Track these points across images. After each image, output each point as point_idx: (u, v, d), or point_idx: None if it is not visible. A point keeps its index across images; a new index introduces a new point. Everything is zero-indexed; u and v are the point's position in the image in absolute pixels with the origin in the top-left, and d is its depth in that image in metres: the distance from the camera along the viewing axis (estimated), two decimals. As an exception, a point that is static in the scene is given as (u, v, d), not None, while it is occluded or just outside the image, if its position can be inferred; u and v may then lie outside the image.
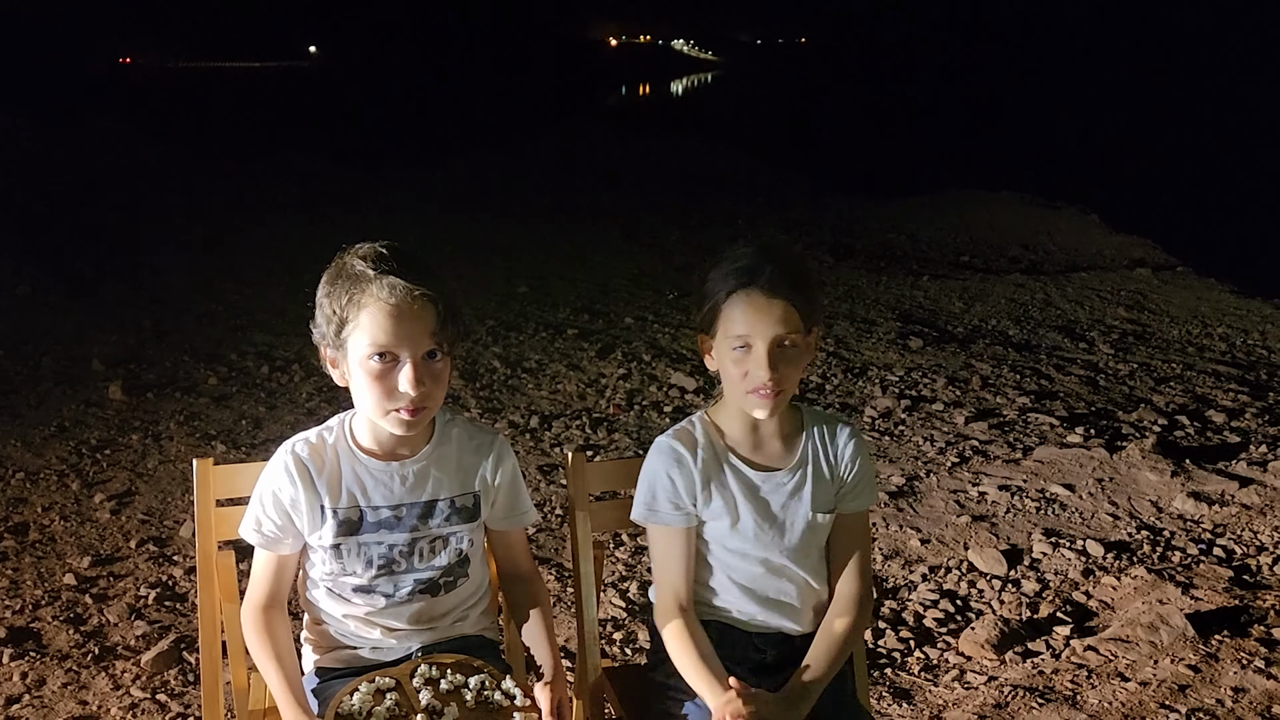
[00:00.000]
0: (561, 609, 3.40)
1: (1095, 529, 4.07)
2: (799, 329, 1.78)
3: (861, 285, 8.52)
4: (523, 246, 9.97)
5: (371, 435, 1.80)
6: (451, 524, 1.82)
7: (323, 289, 1.70)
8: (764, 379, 1.76)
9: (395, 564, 1.80)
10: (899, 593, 3.62)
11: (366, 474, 1.79)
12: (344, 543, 1.78)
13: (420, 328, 1.66)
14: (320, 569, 1.81)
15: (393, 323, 1.64)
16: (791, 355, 1.79)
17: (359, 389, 1.70)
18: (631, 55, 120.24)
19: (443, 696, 1.72)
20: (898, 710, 2.93)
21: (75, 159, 14.54)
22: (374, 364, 1.66)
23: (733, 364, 1.80)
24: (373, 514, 1.78)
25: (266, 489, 1.79)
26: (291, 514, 1.77)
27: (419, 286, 1.65)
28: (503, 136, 21.48)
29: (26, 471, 4.41)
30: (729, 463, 1.88)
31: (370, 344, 1.65)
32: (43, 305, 7.19)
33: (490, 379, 5.85)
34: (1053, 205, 12.49)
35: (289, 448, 1.79)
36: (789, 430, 1.92)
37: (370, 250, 1.69)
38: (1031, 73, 65.56)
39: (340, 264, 1.70)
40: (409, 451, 1.81)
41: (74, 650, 3.12)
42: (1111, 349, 6.66)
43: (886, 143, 24.72)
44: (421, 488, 1.81)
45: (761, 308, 1.76)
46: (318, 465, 1.78)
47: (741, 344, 1.78)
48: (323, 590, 1.83)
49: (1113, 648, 3.18)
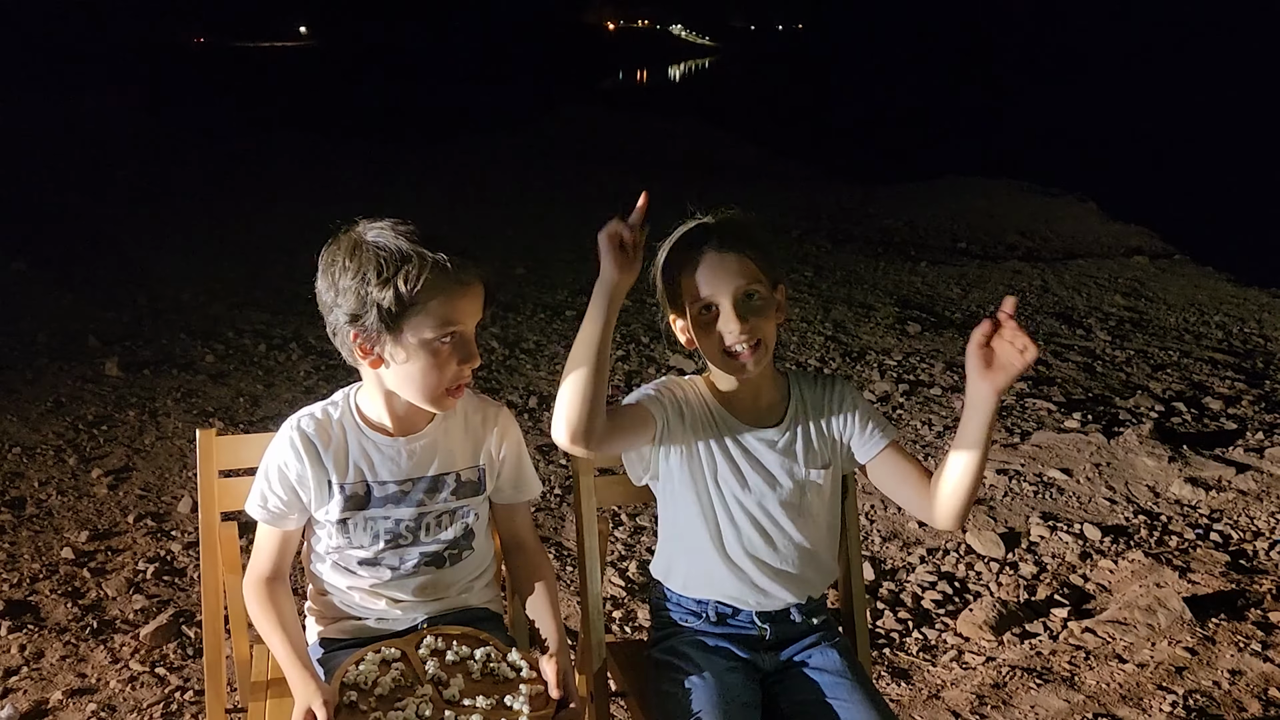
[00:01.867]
0: (561, 587, 3.40)
1: (1093, 513, 4.08)
2: (760, 279, 1.77)
3: (860, 271, 8.51)
4: (519, 229, 9.94)
5: (378, 411, 1.78)
6: (458, 498, 1.82)
7: (349, 272, 1.64)
8: (735, 332, 1.74)
9: (402, 538, 1.79)
10: (897, 574, 3.62)
11: (374, 449, 1.78)
12: (351, 517, 1.77)
13: (478, 304, 1.71)
14: (326, 543, 1.81)
15: (461, 299, 1.66)
16: (759, 307, 1.77)
17: (417, 371, 1.68)
18: (629, 40, 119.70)
19: (449, 668, 1.71)
20: (896, 690, 2.93)
21: (78, 138, 14.48)
22: (442, 345, 1.67)
23: (703, 330, 1.78)
24: (380, 489, 1.77)
25: (273, 465, 1.77)
26: (298, 490, 1.76)
27: (476, 265, 1.68)
28: (499, 120, 21.40)
29: (23, 446, 4.39)
30: (721, 418, 1.85)
31: (441, 324, 1.65)
32: (38, 282, 7.15)
33: (488, 359, 5.84)
34: (1051, 193, 12.50)
35: (295, 423, 1.78)
36: (778, 394, 1.90)
37: (407, 229, 1.66)
38: (1031, 60, 65.44)
39: (358, 242, 1.66)
40: (415, 427, 1.80)
41: (72, 623, 3.11)
42: (1109, 336, 6.67)
43: (885, 129, 24.67)
44: (428, 462, 1.80)
45: (716, 265, 1.75)
46: (324, 441, 1.77)
47: (706, 305, 1.77)
48: (328, 563, 1.82)
49: (1110, 630, 3.19)
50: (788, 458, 1.86)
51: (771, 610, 1.89)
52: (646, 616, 3.22)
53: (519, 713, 1.63)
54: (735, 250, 1.76)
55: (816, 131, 23.85)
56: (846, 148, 19.47)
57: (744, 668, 1.86)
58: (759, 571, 1.86)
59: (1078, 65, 55.35)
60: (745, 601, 1.88)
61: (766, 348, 1.79)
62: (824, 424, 1.88)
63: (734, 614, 1.89)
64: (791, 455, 1.86)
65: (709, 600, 1.89)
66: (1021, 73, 51.46)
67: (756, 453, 1.85)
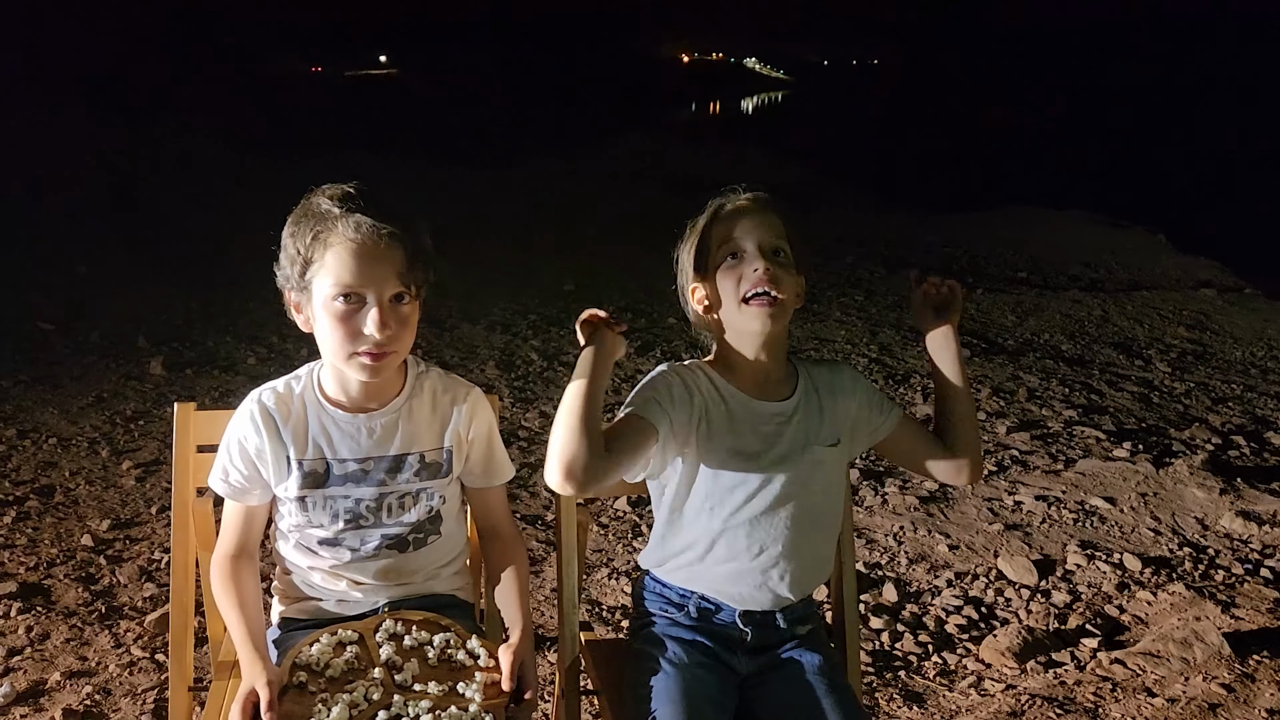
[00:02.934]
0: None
1: (1135, 543, 3.89)
2: (788, 244, 1.76)
3: (912, 296, 8.33)
4: (575, 248, 9.97)
5: (339, 385, 1.74)
6: (421, 479, 1.76)
7: (287, 229, 1.64)
8: (760, 270, 1.70)
9: (362, 519, 1.74)
10: (921, 597, 3.49)
11: (333, 425, 1.73)
12: (310, 495, 1.73)
13: (387, 268, 1.60)
14: (288, 520, 1.77)
15: (359, 262, 1.58)
16: (784, 265, 1.74)
17: (322, 333, 1.65)
18: (703, 72, 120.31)
19: (404, 652, 1.66)
20: (906, 713, 2.80)
21: (154, 153, 14.89)
22: (339, 305, 1.60)
23: (727, 277, 1.73)
24: (339, 466, 1.73)
25: (233, 438, 1.75)
26: (258, 464, 1.73)
27: (386, 225, 1.58)
28: (566, 146, 21.57)
29: (60, 437, 4.48)
30: (730, 394, 1.78)
31: (335, 284, 1.59)
32: (99, 285, 7.35)
33: (526, 370, 5.83)
34: (1119, 224, 12.17)
35: (256, 396, 1.75)
36: (784, 372, 1.84)
37: (337, 189, 1.63)
38: (1107, 92, 64.25)
39: (306, 204, 1.64)
40: (377, 404, 1.75)
41: (81, 608, 3.13)
42: (1169, 367, 6.42)
43: (954, 161, 24.35)
44: (389, 441, 1.74)
45: (752, 214, 1.77)
46: (284, 415, 1.73)
47: (733, 252, 1.74)
48: (290, 542, 1.79)
49: (1141, 662, 3.02)
50: (799, 430, 1.78)
51: (756, 611, 1.80)
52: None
53: (469, 700, 1.57)
54: (770, 208, 1.79)
55: (883, 162, 23.63)
56: (912, 178, 19.24)
57: (719, 668, 1.78)
58: (754, 556, 1.76)
59: (1154, 98, 54.19)
60: (732, 596, 1.79)
61: (784, 308, 1.74)
62: (834, 402, 1.83)
63: (716, 611, 1.80)
64: (802, 428, 1.79)
65: (693, 594, 1.81)
66: (1096, 105, 50.54)
67: (768, 427, 1.77)
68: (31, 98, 15.27)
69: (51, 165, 11.73)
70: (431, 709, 1.53)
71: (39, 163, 11.68)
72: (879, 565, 3.69)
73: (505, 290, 7.83)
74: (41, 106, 15.25)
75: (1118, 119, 41.91)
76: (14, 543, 3.54)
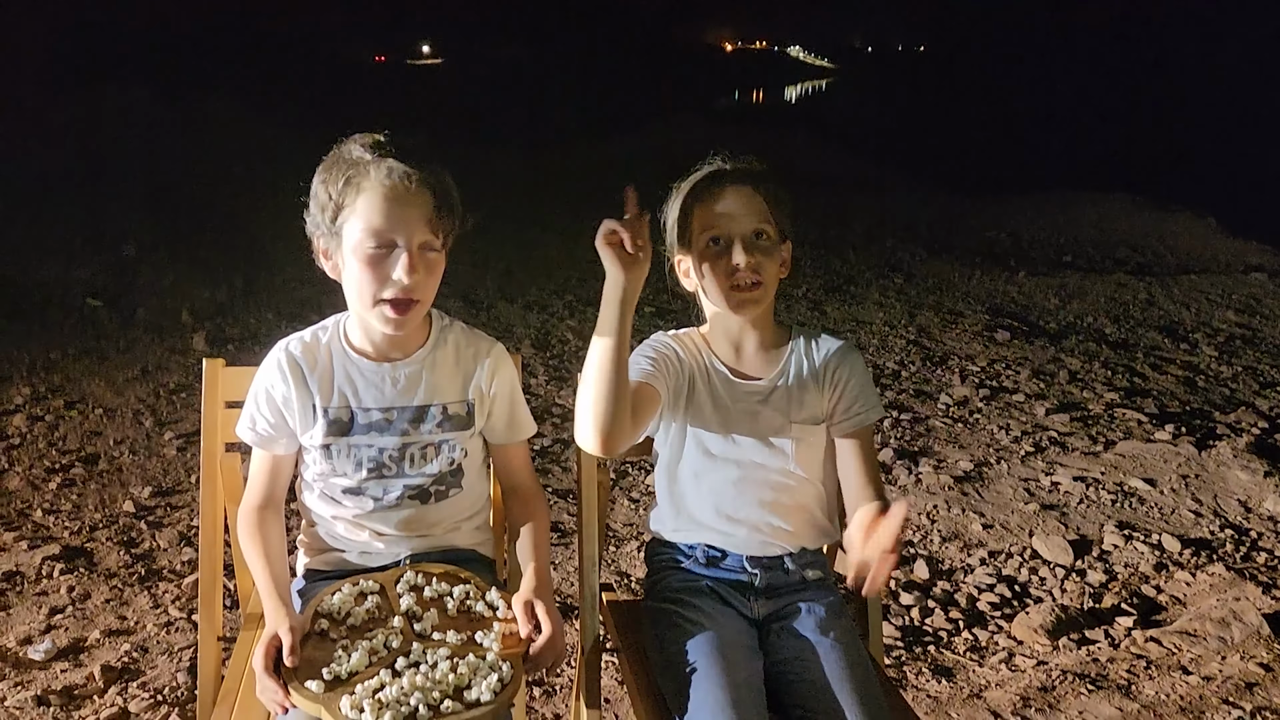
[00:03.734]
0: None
1: (1174, 525, 3.82)
2: (769, 220, 1.77)
3: (953, 279, 8.25)
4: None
5: (364, 334, 1.76)
6: (444, 431, 1.78)
7: (318, 176, 1.66)
8: (741, 265, 1.72)
9: (385, 468, 1.76)
10: (954, 575, 3.46)
11: (358, 374, 1.76)
12: (334, 443, 1.75)
13: (417, 214, 1.62)
14: (312, 469, 1.79)
15: (390, 206, 1.60)
16: (767, 248, 1.77)
17: (351, 279, 1.66)
18: (747, 61, 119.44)
19: (424, 603, 1.68)
20: (935, 686, 2.78)
21: (204, 137, 15.12)
22: (369, 249, 1.62)
23: (708, 263, 1.77)
24: (363, 415, 1.75)
25: (260, 387, 1.77)
26: (284, 412, 1.76)
27: (417, 171, 1.61)
28: (609, 133, 21.55)
29: (105, 408, 4.57)
30: (713, 368, 1.84)
31: (366, 228, 1.61)
32: (145, 264, 7.46)
33: (561, 349, 5.85)
34: (1167, 208, 11.91)
35: (283, 345, 1.78)
36: (774, 343, 1.86)
37: (369, 138, 1.66)
38: (1157, 74, 62.87)
39: (337, 152, 1.67)
40: (402, 354, 1.77)
41: (122, 570, 3.20)
42: (1216, 351, 6.29)
43: (1001, 145, 23.99)
44: (413, 391, 1.76)
45: (730, 198, 1.77)
46: (310, 363, 1.76)
47: (716, 236, 1.76)
48: (315, 492, 1.81)
49: (1177, 641, 2.97)
50: (776, 411, 1.81)
51: (763, 556, 1.82)
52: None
53: (488, 649, 1.58)
54: (749, 185, 1.77)
55: (927, 147, 23.34)
56: (956, 163, 18.99)
57: (735, 614, 1.80)
58: (745, 522, 1.81)
59: (1205, 81, 52.93)
60: (734, 545, 1.83)
61: (767, 289, 1.78)
62: (818, 382, 1.83)
63: (723, 558, 1.83)
64: (780, 408, 1.81)
65: (698, 544, 1.83)
66: (1143, 88, 49.48)
67: (745, 405, 1.82)
68: (88, 80, 15.58)
69: (102, 146, 11.96)
70: (450, 656, 1.54)
71: (90, 143, 11.91)
72: (910, 543, 3.66)
73: (542, 271, 7.85)
74: (96, 89, 15.54)
75: (1169, 101, 41.02)
76: (59, 508, 3.62)
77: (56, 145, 11.87)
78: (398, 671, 1.51)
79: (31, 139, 12.14)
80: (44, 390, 4.75)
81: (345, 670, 1.50)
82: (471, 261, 7.77)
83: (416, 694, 1.45)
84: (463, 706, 1.45)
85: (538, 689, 2.69)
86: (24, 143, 12.05)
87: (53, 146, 11.82)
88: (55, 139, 12.21)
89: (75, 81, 15.44)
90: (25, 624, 2.87)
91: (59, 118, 13.79)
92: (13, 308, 6.12)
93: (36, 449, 4.11)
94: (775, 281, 1.79)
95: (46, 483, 3.80)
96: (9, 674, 2.63)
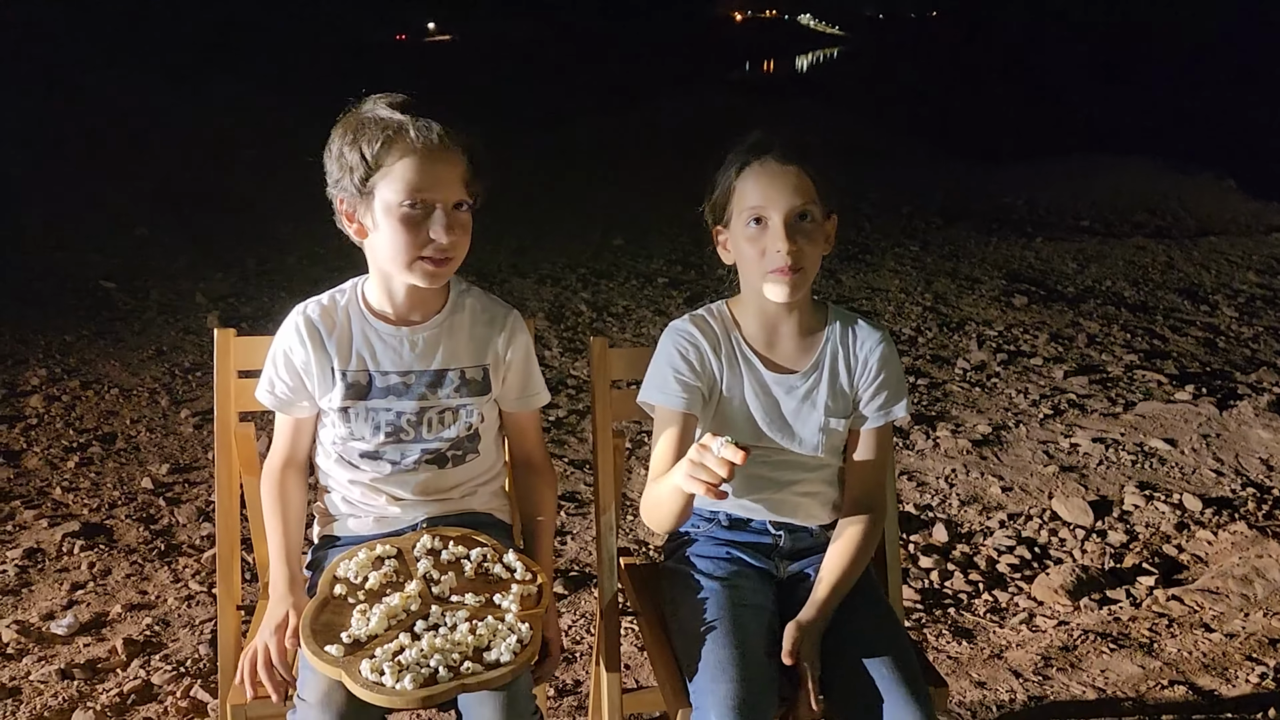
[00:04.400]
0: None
1: (1195, 484, 3.79)
2: (815, 200, 1.68)
3: (969, 245, 8.18)
4: (624, 204, 9.90)
5: (385, 297, 1.76)
6: (461, 396, 1.77)
7: (343, 138, 1.64)
8: (782, 251, 1.66)
9: (403, 432, 1.76)
10: (973, 538, 3.44)
11: (376, 338, 1.75)
12: (352, 406, 1.75)
13: (453, 173, 1.63)
14: (331, 433, 1.79)
15: (428, 165, 1.60)
16: (810, 230, 1.69)
17: (385, 239, 1.65)
18: (757, 30, 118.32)
19: (441, 566, 1.68)
20: (955, 648, 2.77)
21: (213, 119, 15.09)
22: (407, 210, 1.61)
23: (748, 243, 1.70)
24: (381, 379, 1.75)
25: (279, 350, 1.77)
26: (303, 376, 1.75)
27: (453, 132, 1.62)
28: (620, 106, 21.40)
29: (121, 388, 4.59)
30: (743, 357, 1.79)
31: (405, 189, 1.61)
32: (158, 245, 7.47)
33: (575, 321, 5.83)
34: (1186, 170, 11.76)
35: (301, 309, 1.78)
36: (810, 329, 1.80)
37: (395, 98, 1.65)
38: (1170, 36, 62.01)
39: (359, 113, 1.65)
40: (420, 317, 1.77)
41: (141, 545, 3.22)
42: (1236, 312, 6.22)
43: (1015, 110, 23.73)
44: (431, 355, 1.76)
45: (776, 174, 1.68)
46: (329, 326, 1.75)
47: (756, 217, 1.69)
48: (332, 457, 1.81)
49: (1199, 598, 2.95)
50: (806, 404, 1.78)
51: (786, 521, 1.81)
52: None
53: (506, 611, 1.58)
54: (796, 164, 1.68)
55: (941, 113, 23.11)
56: (970, 129, 18.80)
57: (755, 573, 1.79)
58: (768, 500, 1.80)
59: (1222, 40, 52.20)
60: (757, 512, 1.82)
61: (807, 275, 1.71)
62: (850, 375, 1.80)
63: (747, 522, 1.82)
64: (811, 402, 1.78)
65: (717, 512, 1.82)
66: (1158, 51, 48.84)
67: (778, 397, 1.78)
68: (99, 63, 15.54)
69: (110, 129, 11.96)
70: (469, 619, 1.54)
71: (97, 127, 11.91)
72: (929, 507, 3.64)
73: (555, 245, 7.82)
74: (107, 73, 15.51)
75: (1185, 61, 40.51)
76: (78, 485, 3.64)
77: (65, 129, 11.86)
78: (417, 634, 1.51)
79: (40, 123, 12.15)
80: (60, 371, 4.76)
81: (364, 634, 1.50)
82: (485, 236, 7.73)
83: (436, 656, 1.45)
84: (482, 668, 1.45)
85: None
86: (34, 127, 12.07)
87: (62, 131, 11.82)
88: (64, 123, 12.21)
89: (83, 67, 15.41)
90: (48, 600, 2.89)
91: (67, 102, 13.78)
92: (28, 291, 6.14)
93: (54, 429, 4.13)
94: (816, 265, 1.72)
95: (65, 461, 3.82)
96: (33, 649, 2.65)
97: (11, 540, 3.23)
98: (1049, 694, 2.55)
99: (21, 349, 5.08)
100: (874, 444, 1.80)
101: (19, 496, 3.53)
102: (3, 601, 2.88)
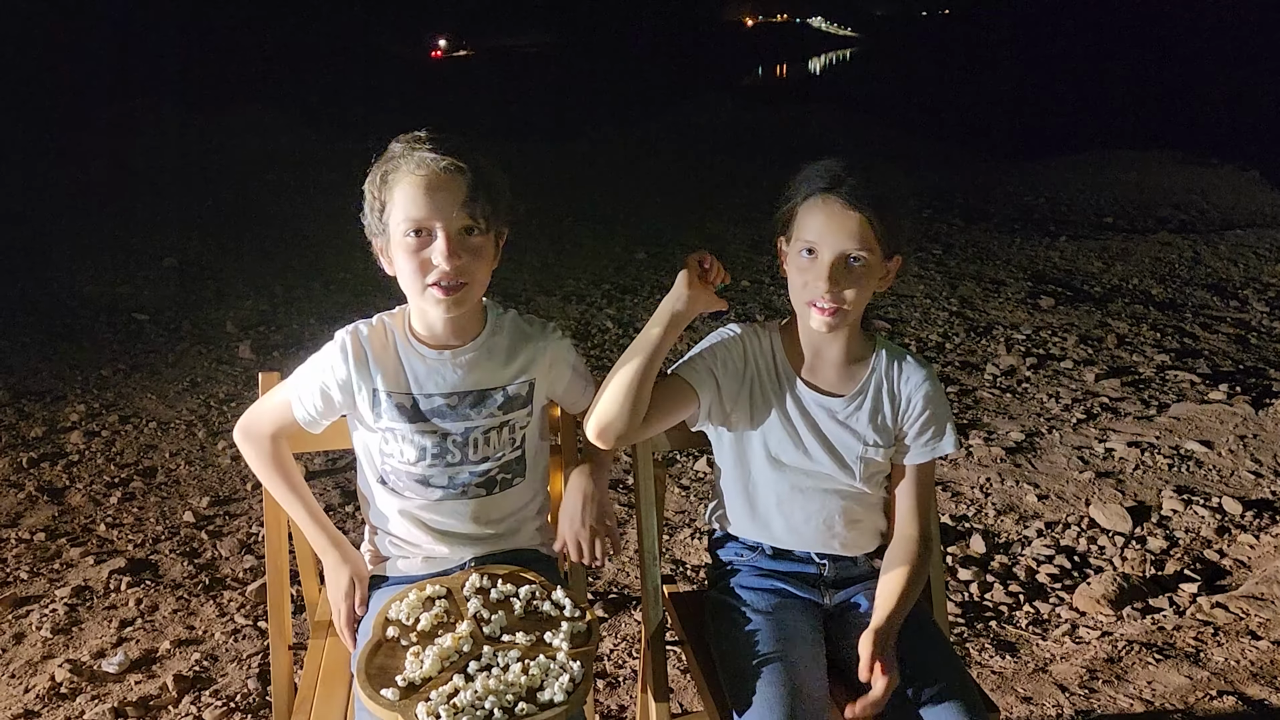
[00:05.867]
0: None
1: (1234, 487, 3.76)
2: (873, 248, 1.67)
3: (992, 247, 8.16)
4: (645, 216, 9.94)
5: (424, 323, 1.80)
6: (505, 412, 1.81)
7: (369, 179, 1.72)
8: (821, 291, 1.67)
9: (449, 454, 1.79)
10: (1011, 548, 3.43)
11: (419, 361, 1.79)
12: (397, 427, 1.78)
13: (450, 199, 1.65)
14: (378, 458, 1.82)
15: (423, 195, 1.65)
16: (859, 274, 1.68)
17: (399, 269, 1.71)
18: (768, 34, 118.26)
19: (491, 605, 1.69)
20: (999, 662, 2.77)
21: (237, 146, 15.25)
22: (410, 240, 1.67)
23: (796, 270, 1.72)
24: (425, 401, 1.78)
25: (322, 364, 1.81)
26: (334, 394, 1.79)
27: (446, 158, 1.65)
28: (635, 116, 21.46)
29: (159, 421, 4.65)
30: (786, 376, 1.80)
31: (404, 219, 1.66)
32: (186, 275, 7.56)
33: (602, 338, 5.86)
34: (1209, 163, 11.67)
35: (352, 328, 1.82)
36: (855, 356, 1.81)
37: (409, 135, 1.70)
38: (1192, 29, 61.51)
39: (384, 153, 1.72)
40: (461, 340, 1.80)
41: (186, 580, 3.26)
42: (1267, 307, 6.18)
43: (1031, 107, 23.62)
44: (474, 377, 1.80)
45: (836, 215, 1.66)
46: (376, 349, 1.79)
47: (808, 249, 1.69)
48: (380, 487, 1.84)
49: (1245, 605, 2.93)
50: (848, 431, 1.79)
51: (830, 550, 1.83)
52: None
53: (558, 649, 1.60)
54: (860, 211, 1.65)
55: (958, 113, 23.02)
56: (987, 128, 18.73)
57: (801, 604, 1.80)
58: (811, 530, 1.81)
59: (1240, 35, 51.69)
60: (798, 544, 1.83)
61: (846, 315, 1.71)
62: (895, 410, 1.80)
63: (790, 552, 1.83)
64: (852, 430, 1.79)
65: (758, 545, 1.83)
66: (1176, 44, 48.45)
67: (818, 419, 1.79)
68: (120, 94, 15.73)
69: (136, 161, 12.10)
70: (520, 658, 1.55)
71: (124, 159, 12.06)
72: (965, 518, 3.63)
73: (578, 261, 7.86)
74: (128, 103, 15.70)
75: (1206, 52, 40.17)
76: (121, 521, 3.70)
77: (88, 162, 12.03)
78: (470, 676, 1.52)
79: (63, 156, 12.32)
80: (98, 407, 4.83)
81: (419, 677, 1.52)
82: (506, 254, 7.76)
83: (491, 698, 1.47)
84: (537, 708, 1.46)
85: (601, 681, 2.71)
86: (57, 160, 12.24)
87: (84, 163, 11.98)
88: (86, 155, 12.37)
89: (105, 97, 15.62)
90: (97, 638, 2.93)
91: (89, 134, 13.97)
92: (61, 326, 6.23)
93: (95, 465, 4.19)
94: (862, 305, 1.73)
95: (108, 497, 3.88)
96: (86, 688, 2.69)
97: (60, 579, 3.28)
98: (1096, 707, 2.55)
99: (60, 385, 5.16)
100: (919, 478, 1.81)
101: (65, 534, 3.59)
102: (54, 641, 2.93)
